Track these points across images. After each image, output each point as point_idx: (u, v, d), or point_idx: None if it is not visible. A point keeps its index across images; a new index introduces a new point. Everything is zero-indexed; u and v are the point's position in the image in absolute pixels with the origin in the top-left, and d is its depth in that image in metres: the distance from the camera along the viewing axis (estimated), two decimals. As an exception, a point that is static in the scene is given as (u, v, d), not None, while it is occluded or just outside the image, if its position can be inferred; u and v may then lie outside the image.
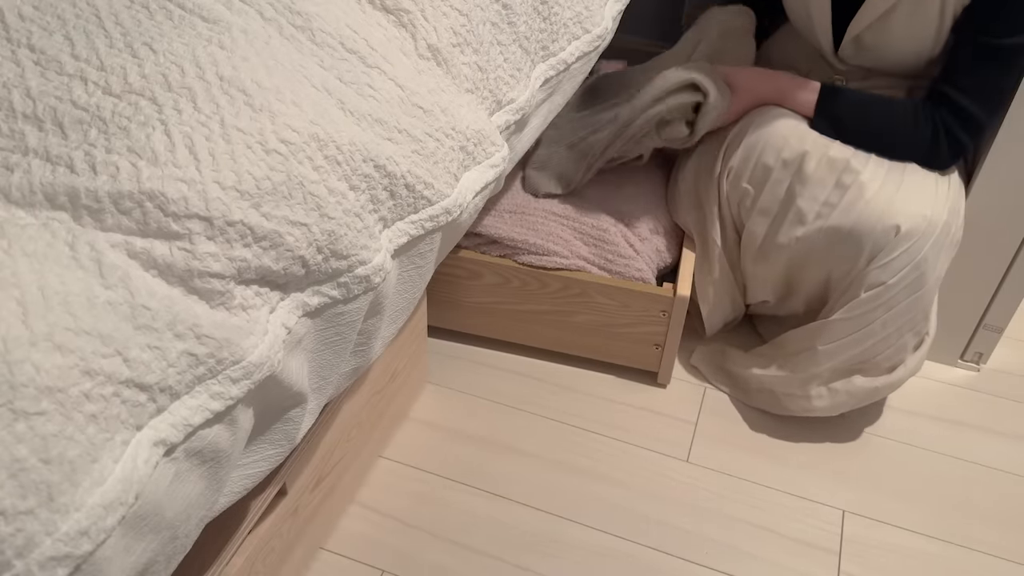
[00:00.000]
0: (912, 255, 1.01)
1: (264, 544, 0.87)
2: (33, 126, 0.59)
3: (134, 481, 0.51)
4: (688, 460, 1.17)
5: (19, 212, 0.55)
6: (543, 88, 1.00)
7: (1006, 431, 1.23)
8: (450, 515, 1.09)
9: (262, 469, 0.72)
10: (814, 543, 1.07)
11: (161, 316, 0.54)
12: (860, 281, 1.06)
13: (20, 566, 0.46)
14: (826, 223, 1.07)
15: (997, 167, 1.10)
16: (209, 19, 0.68)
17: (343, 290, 0.69)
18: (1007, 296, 1.22)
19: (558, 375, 1.30)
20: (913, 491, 1.14)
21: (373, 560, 1.03)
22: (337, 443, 1.00)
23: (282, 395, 0.67)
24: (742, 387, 1.25)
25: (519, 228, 1.23)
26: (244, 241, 0.59)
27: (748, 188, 1.14)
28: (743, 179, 1.14)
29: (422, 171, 0.75)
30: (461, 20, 0.84)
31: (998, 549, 1.07)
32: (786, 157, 1.09)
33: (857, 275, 1.06)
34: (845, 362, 1.11)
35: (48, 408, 0.47)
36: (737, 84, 1.15)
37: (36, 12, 0.67)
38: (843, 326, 1.08)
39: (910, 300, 1.04)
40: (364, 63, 0.75)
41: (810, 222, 1.08)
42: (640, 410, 1.24)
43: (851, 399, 1.13)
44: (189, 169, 0.58)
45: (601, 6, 1.07)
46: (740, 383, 1.26)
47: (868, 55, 1.12)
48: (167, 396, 0.54)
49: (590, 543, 1.06)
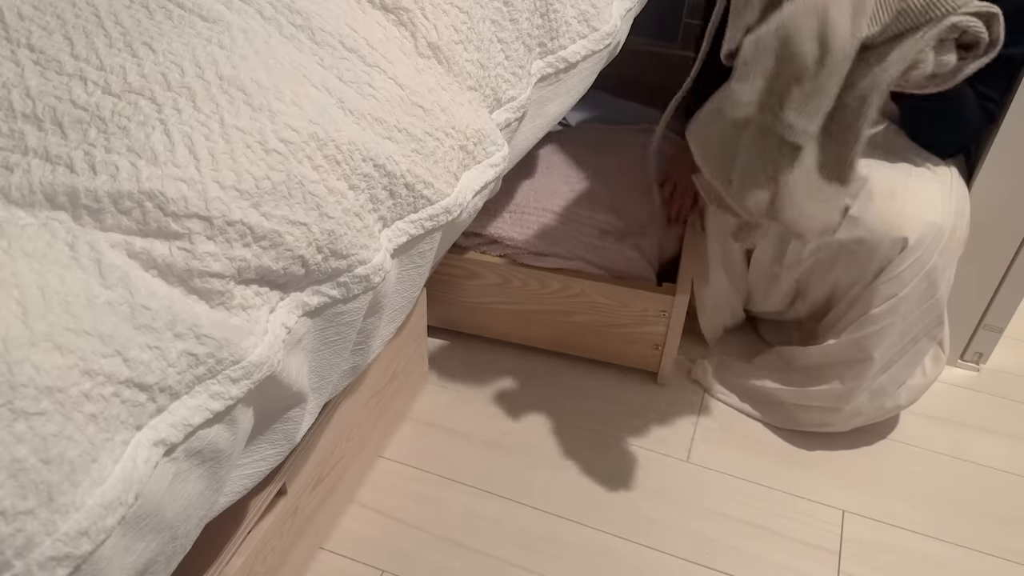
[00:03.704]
0: (921, 265, 1.00)
1: (264, 544, 0.87)
2: (33, 126, 0.59)
3: (134, 481, 0.51)
4: (688, 460, 1.17)
5: (19, 212, 0.55)
6: (540, 85, 0.99)
7: (1006, 431, 1.23)
8: (450, 515, 1.09)
9: (262, 469, 0.72)
10: (814, 543, 1.07)
11: (161, 316, 0.54)
12: (871, 294, 1.05)
13: (20, 566, 0.46)
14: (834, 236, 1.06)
15: (997, 167, 1.10)
16: (209, 18, 0.68)
17: (343, 289, 0.69)
18: (1007, 296, 1.22)
19: (558, 375, 1.30)
20: (913, 491, 1.14)
21: (373, 560, 1.03)
22: (337, 443, 1.00)
23: (282, 395, 0.67)
24: (749, 399, 1.24)
25: (519, 228, 1.23)
26: (244, 241, 0.59)
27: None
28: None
29: (422, 170, 0.75)
30: (462, 17, 0.84)
31: (998, 549, 1.07)
32: None
33: (866, 287, 1.06)
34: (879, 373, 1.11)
35: (48, 408, 0.47)
36: None
37: (36, 12, 0.67)
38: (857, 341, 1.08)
39: (923, 308, 1.04)
40: (364, 62, 0.74)
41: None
42: (640, 410, 1.24)
43: (880, 412, 1.14)
44: (189, 169, 0.58)
45: (608, 3, 1.06)
46: (746, 394, 1.25)
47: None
48: (167, 396, 0.54)
49: (590, 543, 1.06)
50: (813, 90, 0.80)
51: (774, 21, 0.80)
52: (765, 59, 0.81)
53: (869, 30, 0.79)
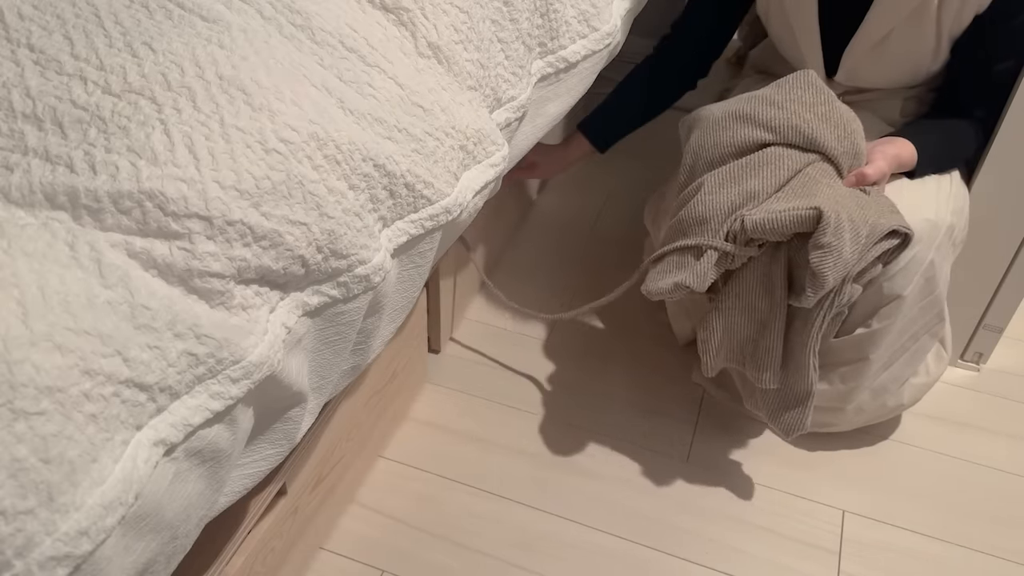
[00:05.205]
0: (919, 262, 1.00)
1: (264, 544, 0.87)
2: (33, 126, 0.59)
3: (134, 481, 0.51)
4: (688, 460, 1.17)
5: (19, 212, 0.55)
6: (540, 85, 0.99)
7: (1006, 431, 1.23)
8: (450, 515, 1.09)
9: (262, 469, 0.72)
10: (814, 543, 1.07)
11: (161, 316, 0.54)
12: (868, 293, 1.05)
13: (20, 566, 0.46)
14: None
15: (997, 167, 1.10)
16: (208, 18, 0.68)
17: (343, 289, 0.69)
18: (1007, 296, 1.22)
19: (558, 375, 1.30)
20: (913, 491, 1.14)
21: (373, 560, 1.03)
22: (337, 443, 1.00)
23: (282, 394, 0.67)
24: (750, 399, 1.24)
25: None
26: (244, 240, 0.59)
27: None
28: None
29: (422, 170, 0.75)
30: (462, 17, 0.84)
31: (998, 549, 1.07)
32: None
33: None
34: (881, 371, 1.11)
35: (48, 408, 0.47)
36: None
37: (36, 11, 0.67)
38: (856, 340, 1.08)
39: (923, 305, 1.04)
40: (364, 62, 0.74)
41: None
42: (640, 410, 1.24)
43: (882, 411, 1.14)
44: (189, 168, 0.58)
45: (608, 3, 1.06)
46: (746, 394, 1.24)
47: (863, 78, 1.11)
48: (167, 396, 0.54)
49: (590, 543, 1.06)
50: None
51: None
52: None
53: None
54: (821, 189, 0.91)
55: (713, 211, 0.93)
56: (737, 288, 0.96)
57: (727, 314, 0.97)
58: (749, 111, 0.96)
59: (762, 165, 0.94)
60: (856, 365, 1.08)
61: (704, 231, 0.93)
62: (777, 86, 0.98)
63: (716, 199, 0.93)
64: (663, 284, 0.93)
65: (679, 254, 0.94)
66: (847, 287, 0.92)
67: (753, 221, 0.89)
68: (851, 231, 0.87)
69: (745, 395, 1.08)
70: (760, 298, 0.95)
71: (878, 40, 1.04)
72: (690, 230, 0.94)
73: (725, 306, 0.97)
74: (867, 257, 0.90)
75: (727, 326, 0.97)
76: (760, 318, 0.96)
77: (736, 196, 0.92)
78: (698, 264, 0.92)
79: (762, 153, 0.95)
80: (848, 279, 0.91)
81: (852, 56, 1.07)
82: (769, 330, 0.95)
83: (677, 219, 0.96)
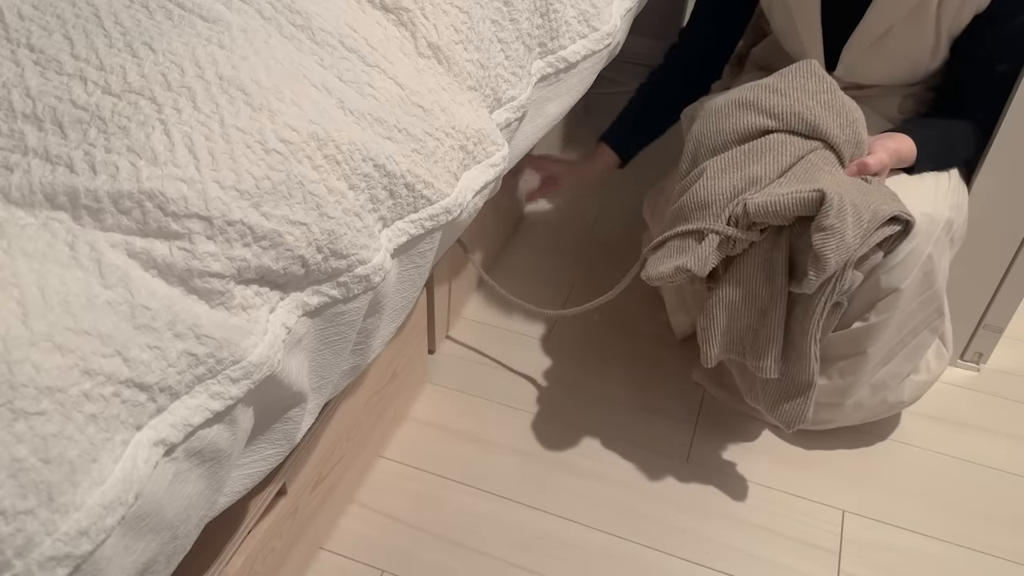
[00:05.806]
0: (917, 256, 1.00)
1: (264, 544, 0.87)
2: (33, 126, 0.59)
3: (134, 481, 0.51)
4: (687, 460, 1.17)
5: (19, 212, 0.55)
6: (540, 85, 0.99)
7: (1006, 431, 1.23)
8: (450, 515, 1.09)
9: (262, 469, 0.72)
10: (814, 543, 1.07)
11: (161, 316, 0.54)
12: (866, 287, 1.05)
13: (20, 566, 0.46)
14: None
15: (997, 167, 1.10)
16: (208, 18, 0.68)
17: (343, 289, 0.69)
18: (1007, 296, 1.22)
19: (557, 375, 1.30)
20: (913, 491, 1.14)
21: (373, 560, 1.03)
22: (337, 443, 1.00)
23: (282, 395, 0.67)
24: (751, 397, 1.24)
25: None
26: (244, 241, 0.59)
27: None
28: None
29: (422, 170, 0.75)
30: (462, 17, 0.84)
31: (998, 549, 1.07)
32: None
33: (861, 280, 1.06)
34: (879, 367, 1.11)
35: (48, 408, 0.47)
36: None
37: (35, 12, 0.67)
38: (854, 335, 1.08)
39: (921, 299, 1.04)
40: (364, 62, 0.75)
41: None
42: (639, 409, 1.24)
43: (882, 407, 1.13)
44: (188, 169, 0.58)
45: (608, 3, 1.06)
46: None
47: (862, 74, 1.12)
48: (167, 396, 0.54)
49: (590, 543, 1.06)
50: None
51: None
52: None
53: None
54: (823, 175, 0.91)
55: (715, 196, 0.93)
56: (738, 275, 0.95)
57: (728, 301, 0.97)
58: (752, 98, 0.96)
59: (764, 151, 0.94)
60: (854, 359, 1.08)
61: (706, 215, 0.93)
62: (780, 75, 0.98)
63: (718, 184, 0.93)
64: (664, 268, 0.93)
65: (680, 239, 0.94)
66: (848, 272, 0.91)
67: (756, 204, 0.89)
68: (853, 215, 0.86)
69: (745, 389, 1.08)
70: (761, 285, 0.95)
71: (878, 36, 1.04)
72: (692, 215, 0.94)
73: (726, 293, 0.96)
74: (869, 242, 0.90)
75: (728, 314, 0.97)
76: (761, 305, 0.95)
77: (738, 181, 0.92)
78: (700, 248, 0.92)
79: (764, 140, 0.94)
80: (849, 264, 0.90)
81: (852, 51, 1.08)
82: (770, 318, 0.95)
83: (678, 205, 0.96)
